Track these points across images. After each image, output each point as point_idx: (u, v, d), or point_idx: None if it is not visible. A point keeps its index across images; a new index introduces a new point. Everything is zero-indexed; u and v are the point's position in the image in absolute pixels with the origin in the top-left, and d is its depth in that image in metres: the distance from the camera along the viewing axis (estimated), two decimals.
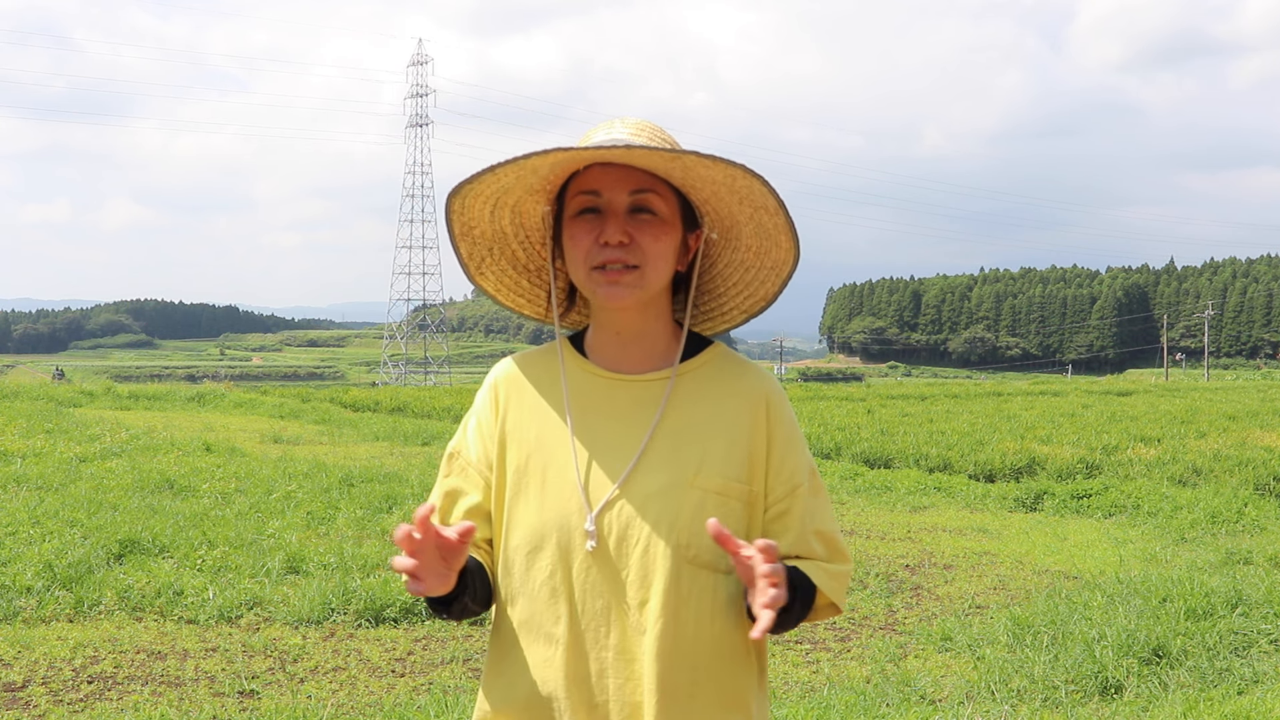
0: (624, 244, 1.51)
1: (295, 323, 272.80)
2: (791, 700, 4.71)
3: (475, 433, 1.62)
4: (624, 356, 1.60)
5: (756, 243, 1.62)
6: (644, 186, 1.52)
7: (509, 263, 1.68)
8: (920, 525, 9.70)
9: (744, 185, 1.50)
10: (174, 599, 5.91)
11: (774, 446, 1.58)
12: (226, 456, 12.54)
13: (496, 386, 1.64)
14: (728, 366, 1.63)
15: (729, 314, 1.71)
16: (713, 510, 1.52)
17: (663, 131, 1.60)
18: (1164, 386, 41.19)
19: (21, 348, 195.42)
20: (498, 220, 1.61)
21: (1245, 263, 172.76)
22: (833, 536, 1.59)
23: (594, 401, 1.58)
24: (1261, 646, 5.41)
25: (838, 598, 1.56)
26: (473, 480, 1.60)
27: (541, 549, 1.53)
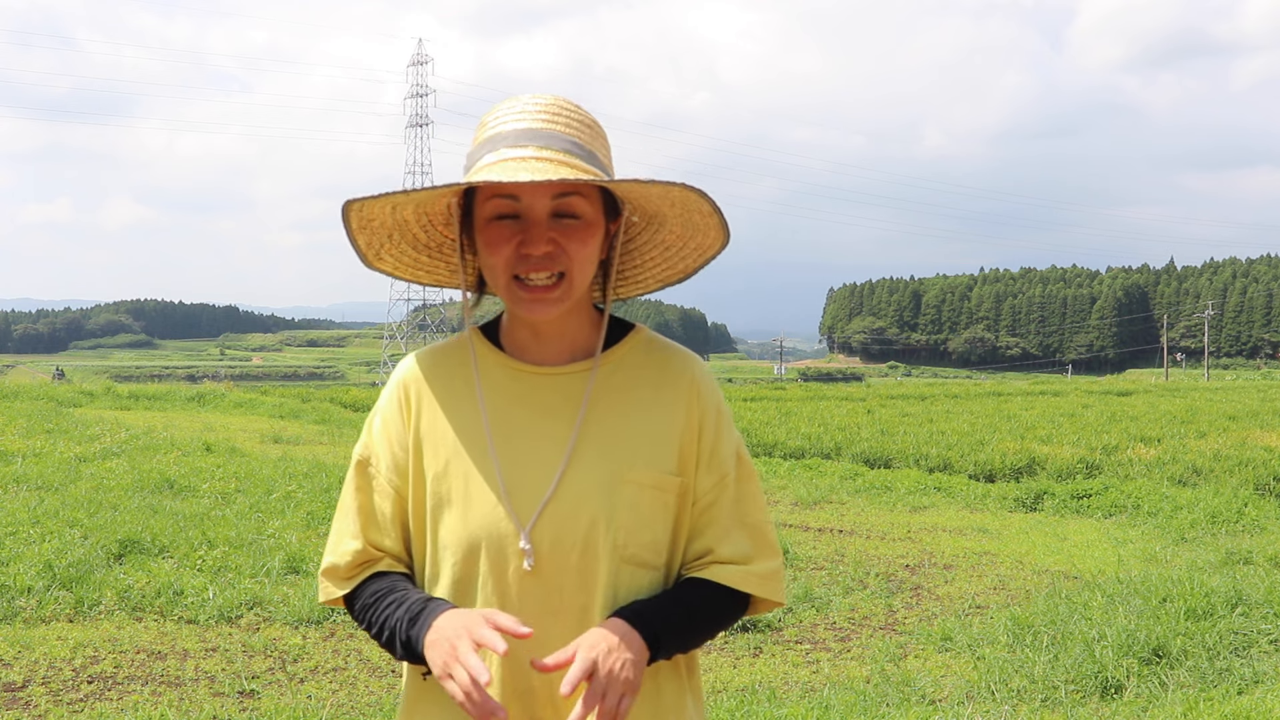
0: (549, 253, 1.40)
1: (295, 323, 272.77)
2: (791, 700, 4.71)
3: (383, 439, 1.51)
4: (543, 349, 1.50)
5: (681, 229, 1.53)
6: (567, 190, 1.41)
7: (409, 244, 1.56)
8: (920, 525, 9.70)
9: (678, 195, 1.42)
10: (174, 599, 5.91)
11: (704, 435, 1.50)
12: (226, 456, 12.53)
13: (405, 386, 1.52)
14: (653, 352, 1.54)
15: (643, 282, 1.61)
16: (647, 505, 1.45)
17: (578, 110, 1.47)
18: (1164, 386, 41.19)
19: (21, 348, 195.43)
20: (399, 213, 1.50)
21: (1245, 263, 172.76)
22: (761, 527, 1.52)
23: (514, 398, 1.48)
24: (1261, 646, 5.41)
25: (775, 596, 1.51)
26: (385, 491, 1.50)
27: (471, 563, 1.44)
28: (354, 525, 1.50)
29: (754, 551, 1.50)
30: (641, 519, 1.44)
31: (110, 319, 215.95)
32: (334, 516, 1.55)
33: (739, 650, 5.57)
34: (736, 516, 1.51)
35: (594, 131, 1.47)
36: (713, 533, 1.49)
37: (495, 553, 1.43)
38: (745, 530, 1.50)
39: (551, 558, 1.42)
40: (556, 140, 1.40)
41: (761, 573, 1.49)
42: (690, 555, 1.50)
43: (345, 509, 1.52)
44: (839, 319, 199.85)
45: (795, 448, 15.74)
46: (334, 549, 1.51)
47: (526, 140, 1.40)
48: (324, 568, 1.52)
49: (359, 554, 1.49)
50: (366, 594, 1.48)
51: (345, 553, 1.49)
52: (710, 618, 1.47)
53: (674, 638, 1.43)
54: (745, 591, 1.48)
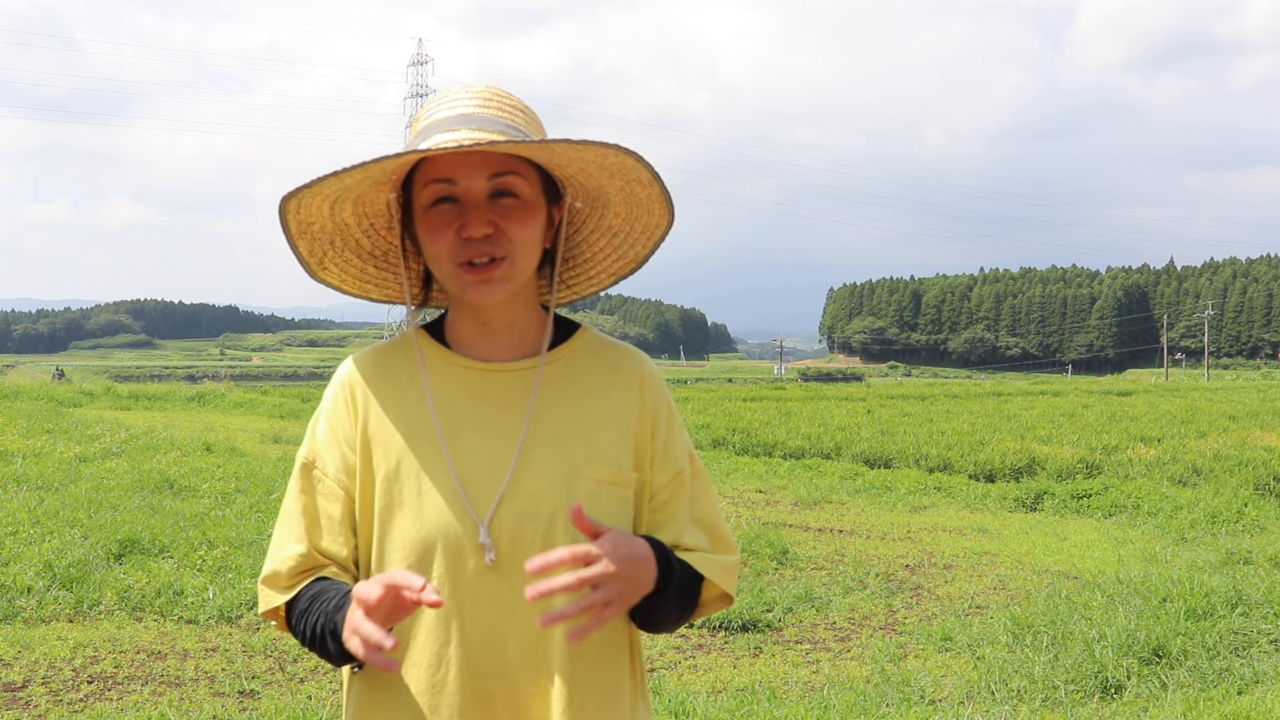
0: (489, 235, 1.38)
1: (295, 323, 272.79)
2: (791, 700, 4.71)
3: (330, 440, 1.46)
4: (491, 346, 1.48)
5: (626, 209, 1.50)
6: (503, 169, 1.38)
7: (353, 252, 1.52)
8: (920, 525, 9.70)
9: (615, 162, 1.39)
10: (174, 599, 5.91)
11: (657, 431, 1.49)
12: (226, 456, 12.53)
13: (350, 387, 1.47)
14: (601, 351, 1.52)
15: (595, 278, 1.59)
16: (606, 501, 1.42)
17: (512, 97, 1.45)
18: (1164, 386, 41.18)
19: (21, 348, 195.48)
20: (338, 214, 1.46)
21: (1245, 263, 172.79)
22: (716, 524, 1.51)
23: (463, 395, 1.45)
24: (1261, 646, 5.41)
25: (729, 588, 1.48)
26: (333, 493, 1.44)
27: (426, 563, 1.38)
28: (298, 529, 1.44)
29: (713, 546, 1.49)
30: (601, 515, 1.41)
31: (110, 319, 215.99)
32: (276, 524, 1.48)
33: (739, 650, 5.57)
34: (693, 514, 1.50)
35: (528, 117, 1.45)
36: (672, 528, 1.48)
37: (452, 551, 1.38)
38: (703, 526, 1.50)
39: (511, 553, 1.38)
40: (490, 123, 1.39)
41: (722, 562, 1.48)
42: None
43: (289, 513, 1.46)
44: (839, 319, 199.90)
45: (795, 448, 15.74)
46: (275, 555, 1.44)
47: (460, 124, 1.38)
48: (264, 575, 1.44)
49: (303, 559, 1.42)
50: (303, 600, 1.41)
51: (288, 558, 1.43)
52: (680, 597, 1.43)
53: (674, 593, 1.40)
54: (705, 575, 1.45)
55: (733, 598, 1.50)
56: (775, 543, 7.86)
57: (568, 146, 1.34)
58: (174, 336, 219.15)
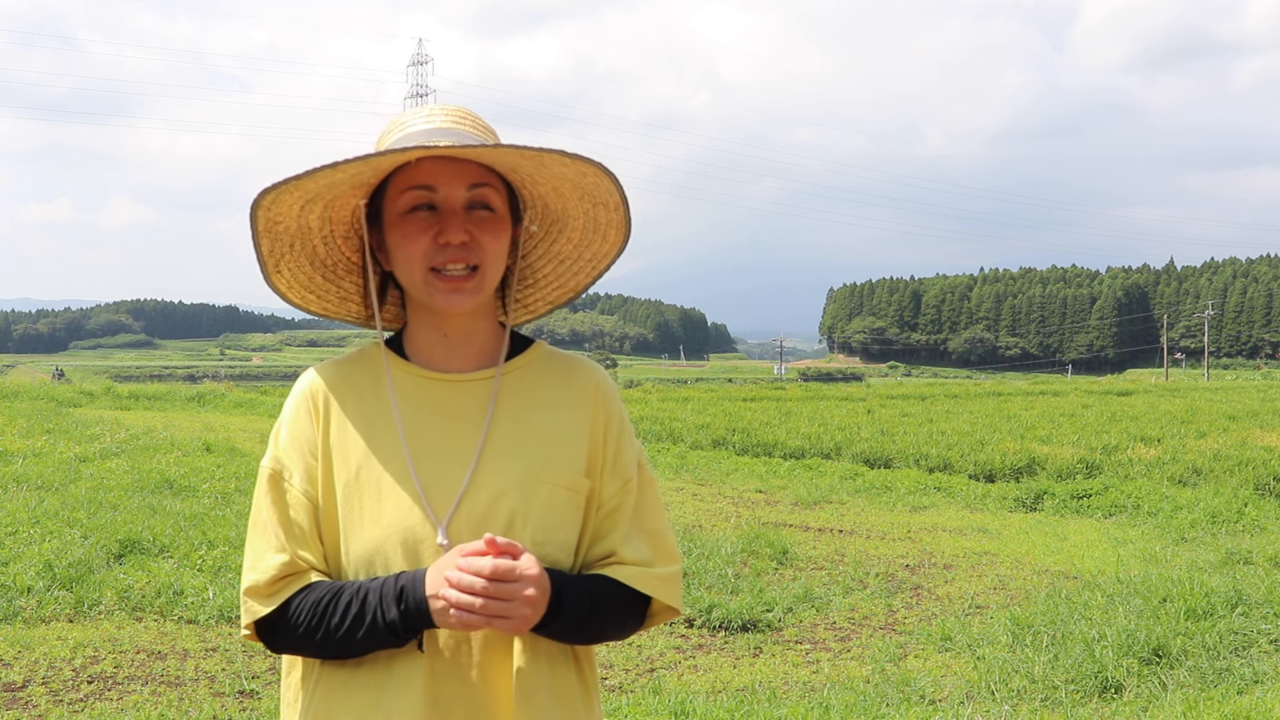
0: (465, 243, 1.42)
1: (295, 323, 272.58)
2: (791, 700, 4.71)
3: (293, 450, 1.48)
4: (451, 357, 1.51)
5: (580, 235, 1.55)
6: (481, 181, 1.43)
7: (307, 258, 1.54)
8: (920, 525, 9.70)
9: (592, 182, 1.44)
10: (174, 599, 5.91)
11: (609, 439, 1.52)
12: (226, 456, 12.54)
13: (313, 397, 1.49)
14: (556, 362, 1.57)
15: (532, 305, 1.63)
16: (561, 506, 1.46)
17: (482, 119, 1.51)
18: (1164, 386, 41.18)
19: (21, 348, 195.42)
20: (305, 216, 1.47)
21: (1245, 263, 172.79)
22: (662, 534, 1.53)
23: (424, 405, 1.48)
24: (1261, 646, 5.41)
25: (673, 601, 1.51)
26: (300, 503, 1.46)
27: (387, 567, 1.41)
28: (277, 539, 1.44)
29: (654, 557, 1.51)
30: (557, 518, 1.45)
31: (110, 319, 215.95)
32: (249, 535, 1.48)
33: (739, 650, 5.57)
34: (638, 522, 1.52)
35: (495, 138, 1.51)
36: (615, 536, 1.50)
37: (411, 552, 1.41)
38: (646, 536, 1.52)
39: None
40: (466, 138, 1.43)
41: (662, 576, 1.50)
42: (592, 557, 1.51)
43: (263, 524, 1.46)
44: (839, 319, 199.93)
45: (795, 448, 15.74)
46: (255, 566, 1.44)
47: (438, 137, 1.42)
48: (246, 587, 1.44)
49: (285, 566, 1.43)
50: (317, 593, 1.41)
51: (269, 568, 1.43)
52: (608, 613, 1.46)
53: (573, 617, 1.41)
54: (644, 593, 1.48)
55: (678, 610, 1.52)
56: (775, 543, 7.86)
57: (555, 159, 1.39)
58: (174, 336, 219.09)
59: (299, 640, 1.42)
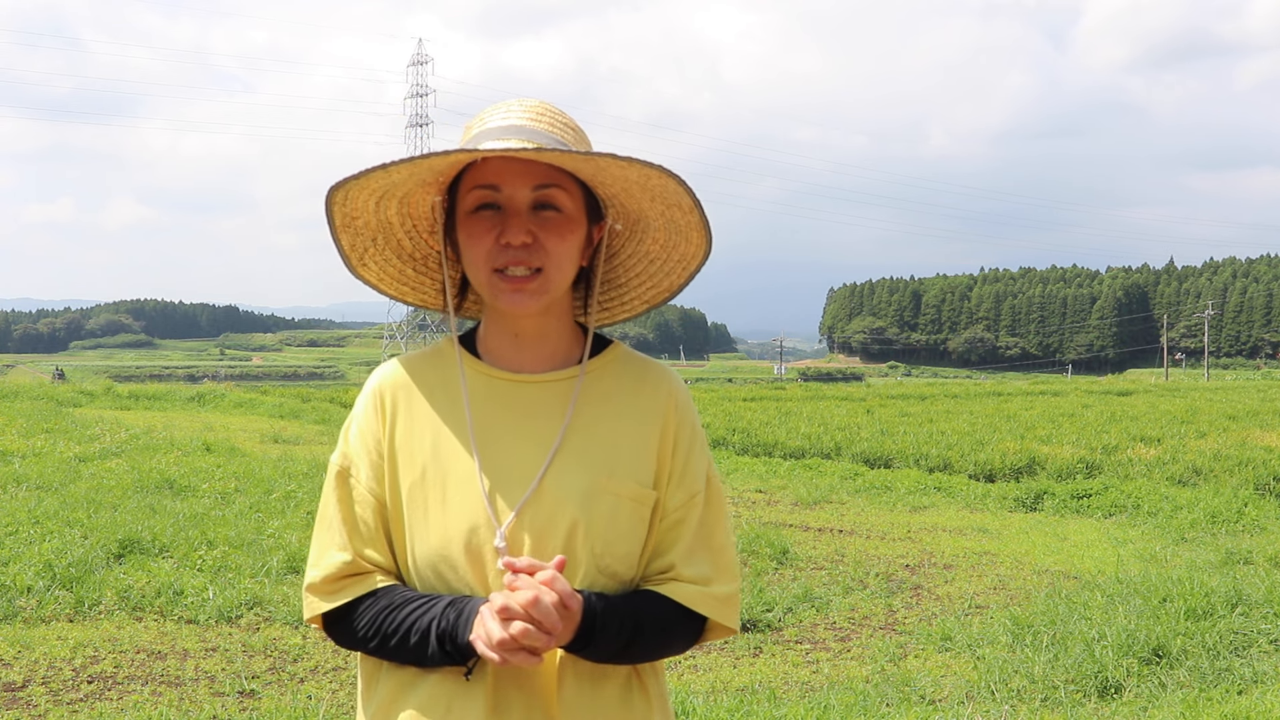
0: (527, 244, 1.40)
1: (295, 323, 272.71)
2: (791, 700, 4.71)
3: (361, 447, 1.48)
4: (522, 357, 1.49)
5: (665, 236, 1.52)
6: (548, 181, 1.40)
7: (393, 252, 1.54)
8: (920, 525, 9.70)
9: (658, 184, 1.41)
10: (174, 599, 5.91)
11: (678, 450, 1.49)
12: (226, 456, 12.53)
13: (381, 394, 1.49)
14: (631, 366, 1.54)
15: (629, 304, 1.61)
16: (625, 516, 1.43)
17: (564, 115, 1.48)
18: (1164, 386, 41.18)
19: (21, 348, 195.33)
20: (383, 211, 1.48)
21: (1245, 263, 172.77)
22: (724, 551, 1.50)
23: (494, 406, 1.46)
24: (1261, 646, 5.41)
25: (730, 622, 1.48)
26: (366, 500, 1.46)
27: (451, 566, 1.41)
28: (340, 537, 1.45)
29: (714, 574, 1.48)
30: (619, 531, 1.43)
31: (110, 319, 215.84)
32: (315, 530, 1.49)
33: (739, 650, 5.57)
34: (702, 537, 1.49)
35: (577, 135, 1.48)
36: (677, 550, 1.47)
37: (475, 555, 1.40)
38: (709, 552, 1.49)
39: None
40: (540, 136, 1.41)
41: (720, 595, 1.47)
42: (652, 570, 1.48)
43: (328, 521, 1.47)
44: (839, 319, 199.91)
45: (795, 448, 15.74)
46: (319, 562, 1.45)
47: (510, 135, 1.41)
48: (309, 582, 1.46)
49: (347, 566, 1.44)
50: (377, 607, 1.42)
51: (332, 565, 1.44)
52: (658, 633, 1.44)
53: (607, 641, 1.38)
54: (695, 611, 1.46)
55: (734, 630, 1.50)
56: (775, 543, 7.86)
57: (612, 162, 1.35)
58: (174, 336, 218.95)
59: (358, 642, 1.44)
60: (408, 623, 1.39)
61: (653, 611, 1.43)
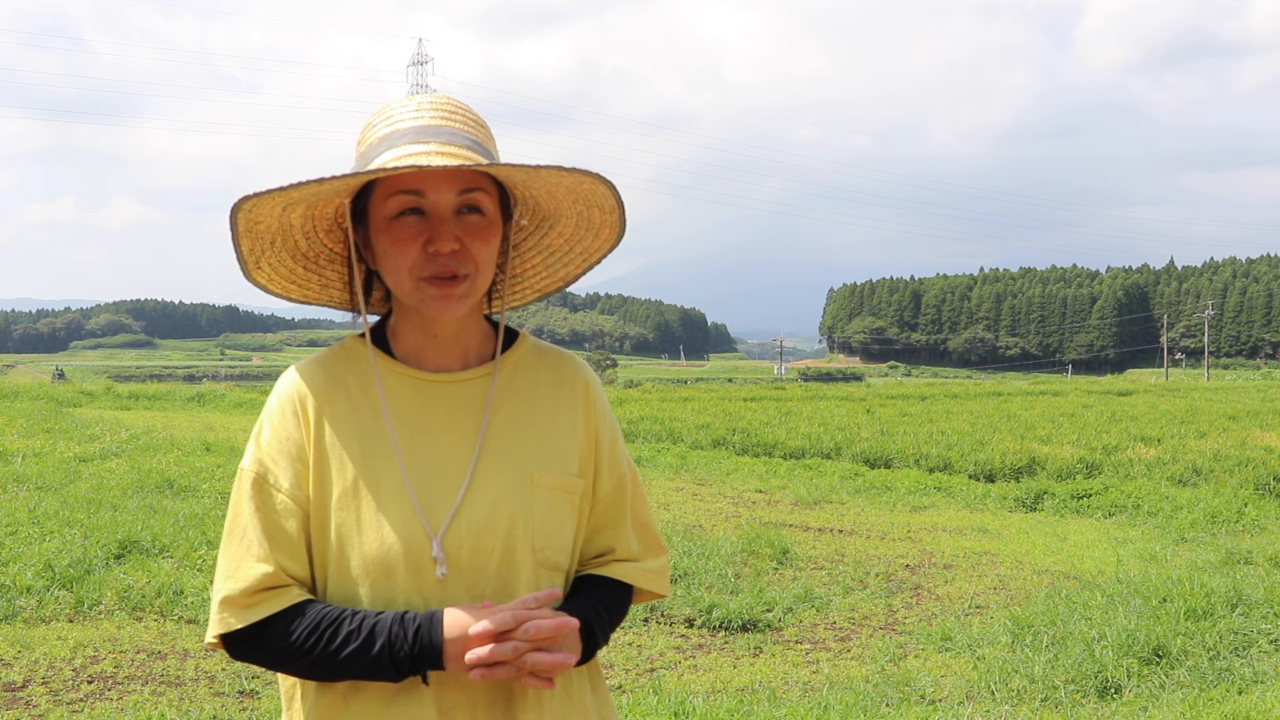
0: (455, 251, 1.38)
1: (295, 323, 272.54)
2: (791, 700, 4.71)
3: (279, 454, 1.41)
4: (440, 356, 1.47)
5: (572, 231, 1.53)
6: (472, 185, 1.39)
7: (289, 253, 1.50)
8: (920, 525, 9.70)
9: (587, 189, 1.42)
10: (174, 599, 5.91)
11: (602, 438, 1.53)
12: (226, 456, 12.53)
13: (299, 400, 1.44)
14: (544, 357, 1.55)
15: (521, 293, 1.61)
16: (559, 508, 1.46)
17: (471, 110, 1.46)
18: (1164, 386, 41.18)
19: (21, 348, 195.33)
20: (287, 216, 1.44)
21: (1245, 262, 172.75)
22: (649, 527, 1.59)
23: (414, 407, 1.44)
24: (1261, 646, 5.41)
25: (665, 591, 1.58)
26: (289, 509, 1.40)
27: (388, 578, 1.37)
28: (259, 548, 1.38)
29: (645, 549, 1.57)
30: (555, 521, 1.45)
31: (110, 319, 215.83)
32: (224, 540, 1.41)
33: (739, 650, 5.57)
34: (632, 517, 1.57)
35: (486, 131, 1.47)
36: (612, 532, 1.55)
37: (414, 566, 1.38)
38: (638, 529, 1.57)
39: (471, 566, 1.39)
40: (458, 137, 1.39)
41: (655, 569, 1.57)
42: (589, 553, 1.54)
43: (243, 530, 1.39)
44: (839, 319, 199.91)
45: (795, 448, 15.74)
46: (235, 574, 1.37)
47: (428, 136, 1.38)
48: (224, 596, 1.37)
49: (267, 578, 1.37)
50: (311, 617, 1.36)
51: (251, 576, 1.36)
52: (616, 614, 1.52)
53: (603, 639, 1.48)
54: (642, 588, 1.55)
55: (665, 595, 1.60)
56: (775, 543, 7.86)
57: (553, 173, 1.36)
58: (174, 336, 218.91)
59: (277, 659, 1.37)
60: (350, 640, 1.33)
61: (609, 597, 1.51)
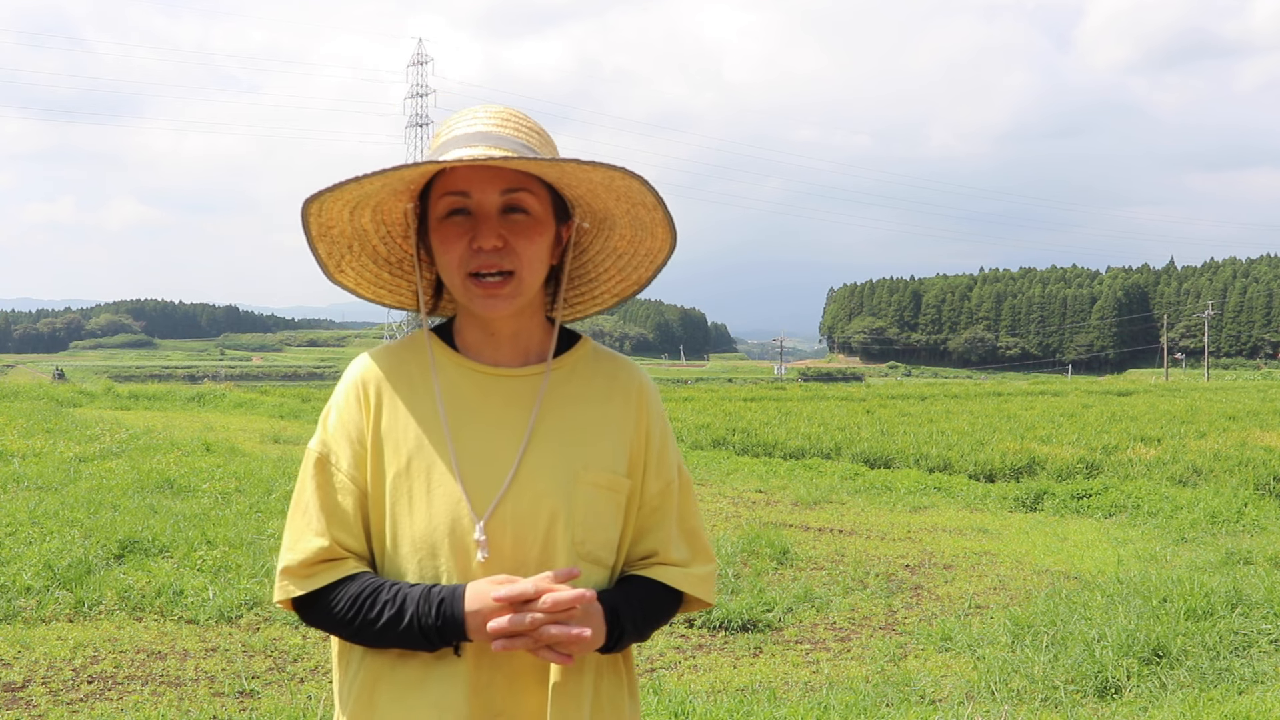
0: (498, 248, 1.45)
1: (295, 323, 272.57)
2: (791, 700, 4.71)
3: (341, 436, 1.51)
4: (498, 352, 1.55)
5: (631, 232, 1.58)
6: (515, 185, 1.46)
7: (369, 257, 1.60)
8: (920, 525, 9.70)
9: (621, 185, 1.46)
10: (174, 599, 5.91)
11: (651, 442, 1.58)
12: (226, 456, 12.53)
13: (363, 385, 1.53)
14: (601, 361, 1.61)
15: (599, 298, 1.66)
16: (601, 504, 1.51)
17: (528, 119, 1.54)
18: (1164, 386, 41.18)
19: (21, 348, 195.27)
20: (357, 219, 1.53)
21: (1245, 262, 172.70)
22: (698, 533, 1.61)
23: (471, 398, 1.52)
24: (1261, 646, 5.41)
25: (709, 598, 1.60)
26: (346, 488, 1.50)
27: (434, 557, 1.46)
28: (318, 523, 1.49)
29: (692, 556, 1.60)
30: (597, 517, 1.50)
31: (110, 319, 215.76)
32: (289, 514, 1.53)
33: (739, 650, 5.57)
34: (678, 522, 1.60)
35: (542, 138, 1.53)
36: (658, 535, 1.58)
37: (459, 548, 1.45)
38: (686, 535, 1.60)
39: (513, 555, 1.46)
40: (506, 141, 1.46)
41: (700, 575, 1.59)
42: (635, 555, 1.58)
43: (305, 506, 1.51)
44: (839, 319, 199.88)
45: (795, 448, 15.74)
46: (295, 546, 1.49)
47: (478, 141, 1.46)
48: (284, 565, 1.50)
49: (323, 551, 1.47)
50: (355, 588, 1.45)
51: (308, 549, 1.48)
52: (655, 614, 1.55)
53: (632, 630, 1.50)
54: (684, 591, 1.58)
55: (712, 604, 1.63)
56: (775, 543, 7.86)
57: (576, 166, 1.41)
58: (174, 336, 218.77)
59: (332, 625, 1.47)
60: (386, 610, 1.42)
61: (649, 596, 1.54)
